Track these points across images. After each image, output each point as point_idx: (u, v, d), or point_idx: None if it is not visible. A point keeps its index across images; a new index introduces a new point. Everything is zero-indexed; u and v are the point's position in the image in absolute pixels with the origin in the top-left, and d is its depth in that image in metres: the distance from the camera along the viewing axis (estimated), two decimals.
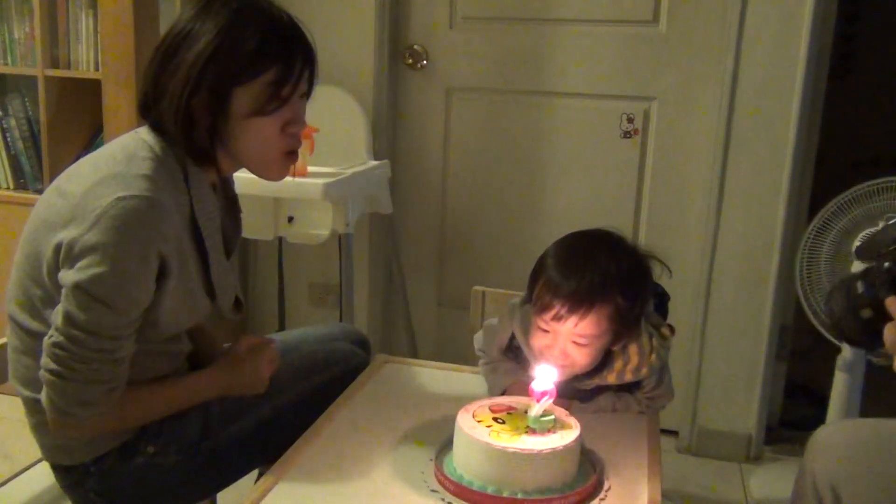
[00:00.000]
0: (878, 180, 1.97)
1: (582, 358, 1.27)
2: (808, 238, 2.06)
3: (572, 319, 1.23)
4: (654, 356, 1.31)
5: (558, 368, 1.24)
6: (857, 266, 1.94)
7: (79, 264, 1.11)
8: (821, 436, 1.26)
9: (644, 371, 1.32)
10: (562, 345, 1.26)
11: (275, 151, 1.24)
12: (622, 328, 1.27)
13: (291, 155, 1.27)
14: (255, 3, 1.20)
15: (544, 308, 1.25)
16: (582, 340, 1.25)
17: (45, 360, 1.14)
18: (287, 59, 1.19)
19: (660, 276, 1.34)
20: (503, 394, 1.36)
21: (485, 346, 1.44)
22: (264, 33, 1.18)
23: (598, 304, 1.22)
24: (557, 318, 1.23)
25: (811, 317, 2.09)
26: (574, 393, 1.35)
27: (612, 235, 1.32)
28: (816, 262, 2.07)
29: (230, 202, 1.38)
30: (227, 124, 1.19)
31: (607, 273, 1.24)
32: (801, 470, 1.26)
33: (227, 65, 1.16)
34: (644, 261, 1.31)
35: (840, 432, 1.26)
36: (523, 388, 1.23)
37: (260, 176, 1.28)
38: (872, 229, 1.93)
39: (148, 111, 1.23)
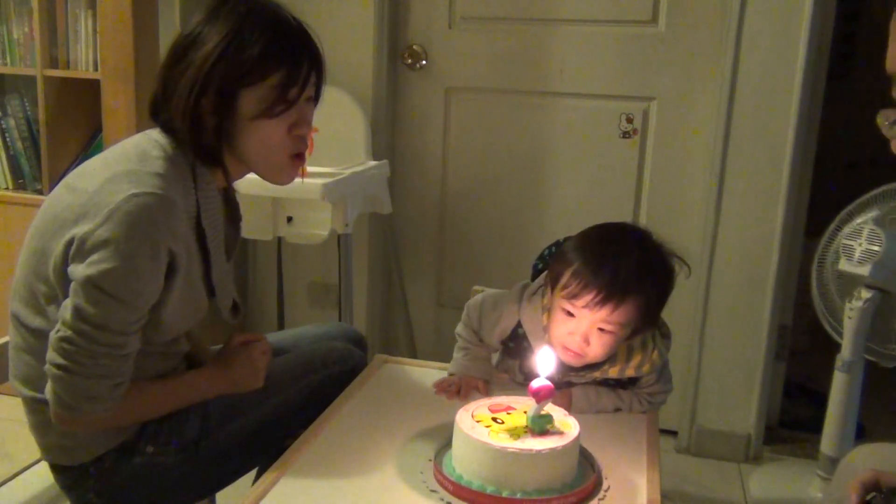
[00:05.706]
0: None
1: (601, 347, 1.27)
2: (826, 239, 2.07)
3: (608, 307, 1.22)
4: (656, 353, 1.33)
5: (572, 356, 1.27)
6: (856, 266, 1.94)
7: (90, 259, 1.11)
8: (846, 460, 1.30)
9: (646, 367, 1.33)
10: (585, 331, 1.26)
11: (281, 154, 1.25)
12: (644, 322, 1.28)
13: (298, 158, 1.28)
14: (264, 7, 1.21)
15: (578, 294, 1.24)
16: (609, 328, 1.25)
17: (51, 355, 1.14)
18: (293, 63, 1.20)
19: (679, 273, 1.33)
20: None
21: (478, 325, 1.42)
22: (271, 37, 1.19)
23: (634, 293, 1.23)
24: (593, 304, 1.23)
25: (823, 318, 2.09)
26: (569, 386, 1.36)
27: (639, 229, 1.33)
28: (825, 263, 2.08)
29: (232, 208, 1.39)
30: (233, 125, 1.21)
31: (642, 264, 1.25)
32: (828, 494, 1.28)
33: (233, 66, 1.17)
34: (669, 258, 1.31)
35: (861, 454, 1.29)
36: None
37: (268, 180, 1.29)
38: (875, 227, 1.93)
39: (158, 113, 1.24)
